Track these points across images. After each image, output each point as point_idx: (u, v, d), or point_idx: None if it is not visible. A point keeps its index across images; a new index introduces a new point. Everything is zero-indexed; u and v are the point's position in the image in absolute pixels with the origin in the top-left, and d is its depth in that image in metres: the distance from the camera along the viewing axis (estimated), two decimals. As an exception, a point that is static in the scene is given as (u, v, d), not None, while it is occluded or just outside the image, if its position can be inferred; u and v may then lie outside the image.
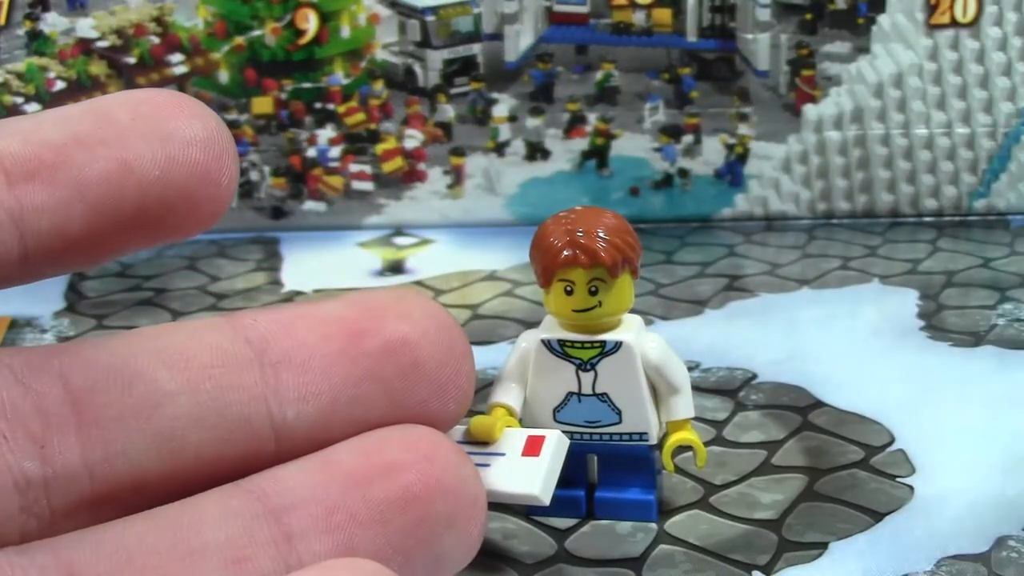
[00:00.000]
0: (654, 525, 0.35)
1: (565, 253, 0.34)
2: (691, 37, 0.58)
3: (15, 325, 0.50)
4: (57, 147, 0.29)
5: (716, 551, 0.34)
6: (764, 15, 0.57)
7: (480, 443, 0.34)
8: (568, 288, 0.34)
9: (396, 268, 0.55)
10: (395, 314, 0.32)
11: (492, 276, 0.53)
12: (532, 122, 0.58)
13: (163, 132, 0.29)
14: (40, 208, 0.28)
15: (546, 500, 0.32)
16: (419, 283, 0.53)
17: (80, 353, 0.30)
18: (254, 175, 0.58)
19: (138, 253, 0.57)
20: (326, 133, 0.58)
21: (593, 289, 0.34)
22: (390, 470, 0.30)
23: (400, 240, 0.58)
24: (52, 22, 0.56)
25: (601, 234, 0.34)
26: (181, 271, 0.55)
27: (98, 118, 0.29)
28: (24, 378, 0.29)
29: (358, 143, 0.58)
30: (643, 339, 0.35)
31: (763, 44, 0.57)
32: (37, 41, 0.56)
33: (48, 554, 0.28)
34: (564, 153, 0.58)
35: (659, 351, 0.35)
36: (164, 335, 0.31)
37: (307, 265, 0.56)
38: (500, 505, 0.36)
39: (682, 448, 0.35)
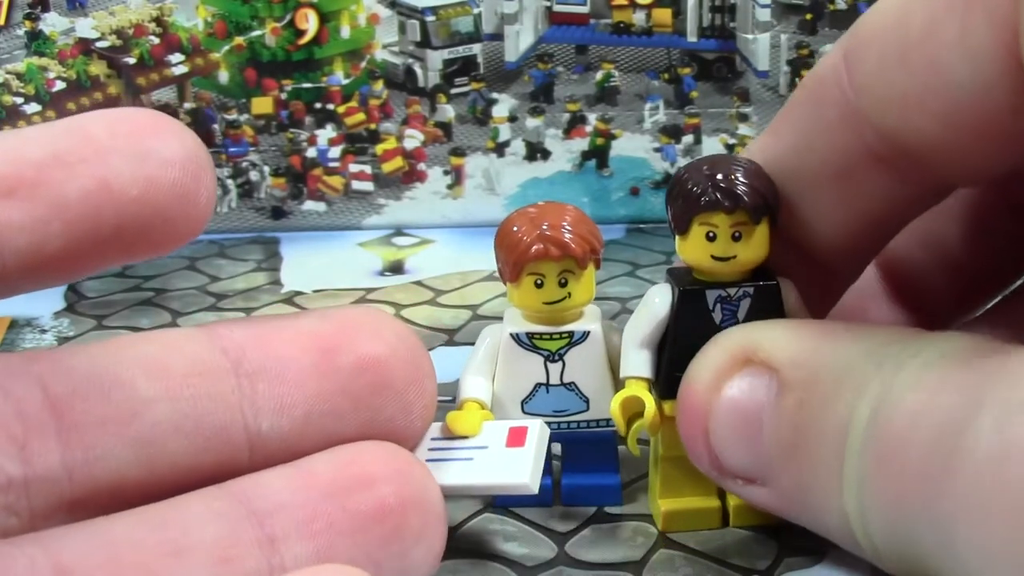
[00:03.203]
0: (654, 530, 0.35)
1: (536, 247, 0.34)
2: (691, 37, 0.58)
3: (15, 325, 0.50)
4: (36, 165, 0.29)
5: (716, 556, 0.34)
6: (764, 15, 0.57)
7: (459, 438, 0.34)
8: (538, 281, 0.35)
9: (396, 268, 0.55)
10: (367, 333, 0.32)
11: (492, 276, 0.53)
12: (532, 122, 0.58)
13: (142, 151, 0.30)
14: (18, 226, 0.28)
15: (535, 488, 0.33)
16: (419, 283, 0.53)
17: (60, 360, 0.30)
18: (254, 175, 0.58)
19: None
20: (326, 133, 0.58)
21: (563, 281, 0.35)
22: (367, 483, 0.31)
23: (400, 240, 0.58)
24: (52, 22, 0.56)
25: (567, 227, 0.34)
26: (181, 271, 0.55)
27: (78, 136, 0.30)
28: (3, 384, 0.29)
29: (358, 143, 0.58)
30: (606, 326, 0.36)
31: (763, 44, 0.57)
32: (37, 41, 0.56)
33: (37, 546, 0.28)
34: (564, 153, 0.58)
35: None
36: (142, 344, 0.31)
37: (307, 265, 0.56)
38: (501, 507, 0.36)
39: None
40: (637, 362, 0.34)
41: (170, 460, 0.30)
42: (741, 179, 0.33)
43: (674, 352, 0.34)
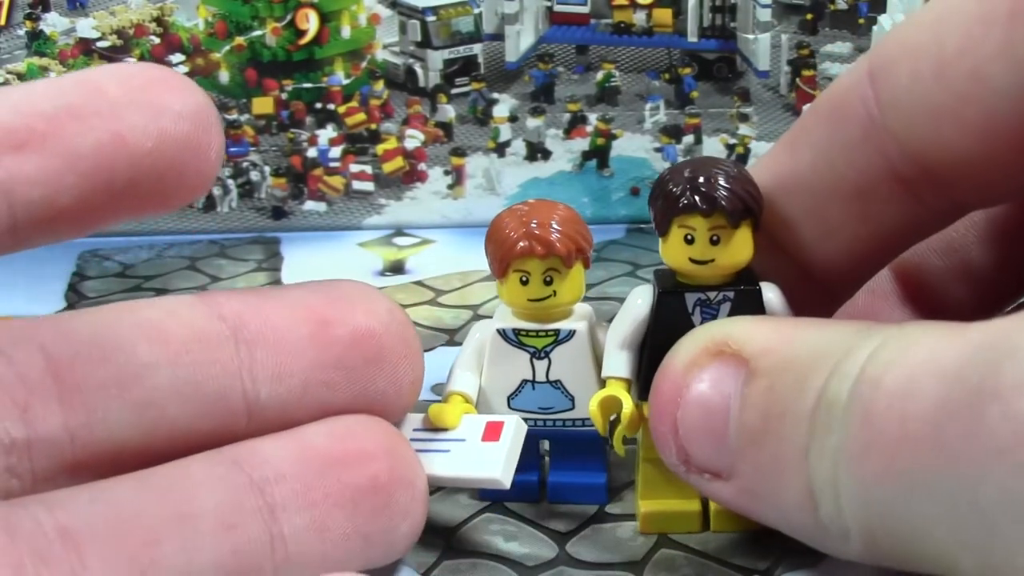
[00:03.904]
0: (655, 529, 0.35)
1: (521, 244, 0.34)
2: (691, 37, 0.58)
3: (16, 326, 0.50)
4: (48, 118, 0.29)
5: (716, 556, 0.34)
6: (764, 15, 0.57)
7: (439, 429, 0.34)
8: (524, 278, 0.35)
9: (397, 268, 0.55)
10: (361, 306, 0.33)
11: (492, 276, 0.53)
12: (533, 122, 0.58)
13: (155, 105, 0.30)
14: (30, 178, 0.29)
15: (507, 483, 0.33)
16: (419, 283, 0.53)
17: (61, 325, 0.31)
18: (254, 175, 0.58)
19: (138, 253, 0.57)
20: (327, 133, 0.58)
21: (548, 279, 0.35)
22: (362, 458, 0.32)
23: (400, 240, 0.58)
24: (52, 22, 0.56)
25: (555, 225, 0.35)
26: (181, 271, 0.55)
27: (90, 90, 0.30)
28: (5, 348, 0.30)
29: (359, 143, 0.58)
30: (593, 326, 0.36)
31: (764, 44, 0.57)
32: (37, 41, 0.56)
33: (42, 508, 0.28)
34: (565, 153, 0.58)
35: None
36: (142, 309, 0.32)
37: (307, 265, 0.56)
38: (500, 507, 0.37)
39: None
40: (617, 362, 0.34)
41: (170, 424, 0.31)
42: (721, 183, 0.33)
43: (653, 354, 0.34)
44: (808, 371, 0.29)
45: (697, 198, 0.33)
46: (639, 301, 0.34)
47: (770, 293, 0.34)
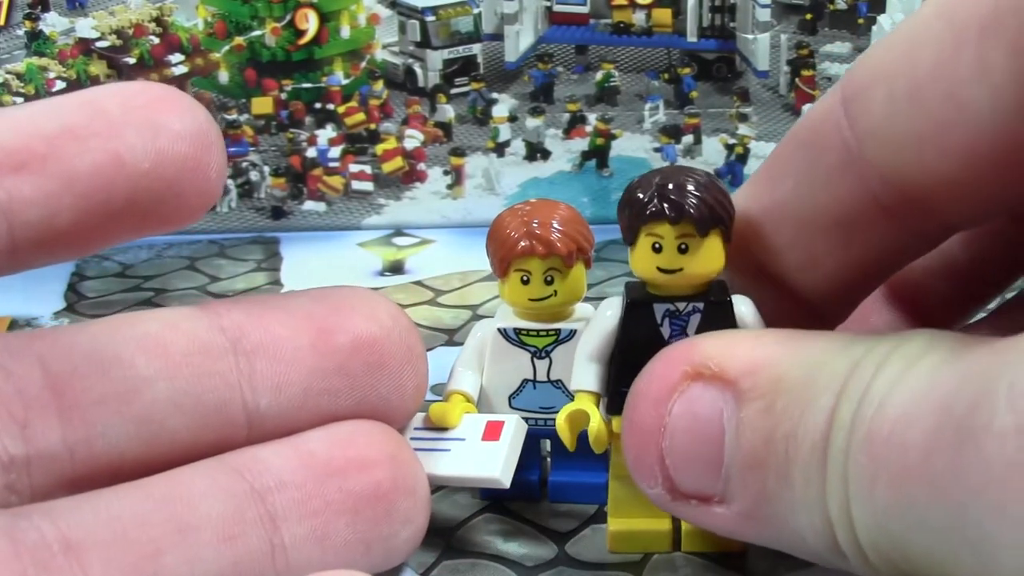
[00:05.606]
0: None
1: (522, 244, 0.34)
2: (691, 37, 0.58)
3: (15, 325, 0.50)
4: (49, 138, 0.29)
5: (716, 556, 0.34)
6: (764, 15, 0.57)
7: (439, 429, 0.35)
8: (524, 278, 0.35)
9: (396, 268, 0.55)
10: (363, 312, 0.33)
11: (492, 276, 0.53)
12: (532, 122, 0.58)
13: (155, 125, 0.30)
14: (29, 199, 0.29)
15: (506, 483, 0.33)
16: (419, 283, 0.53)
17: (59, 339, 0.31)
18: (254, 175, 0.58)
19: (138, 253, 0.57)
20: (326, 133, 0.58)
21: (549, 279, 0.35)
22: (363, 465, 0.31)
23: (400, 240, 0.58)
24: (52, 22, 0.56)
25: (556, 225, 0.35)
26: (181, 271, 0.55)
27: (90, 110, 0.30)
28: (4, 363, 0.30)
29: (358, 143, 0.58)
30: None
31: (763, 44, 0.57)
32: (37, 41, 0.56)
33: (46, 519, 0.28)
34: (564, 153, 0.58)
35: None
36: (141, 322, 0.32)
37: (307, 265, 0.56)
38: (500, 507, 0.37)
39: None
40: (587, 376, 0.34)
41: (169, 437, 0.31)
42: (690, 190, 0.32)
43: (621, 367, 0.33)
44: (809, 390, 0.28)
45: (665, 205, 0.32)
46: (608, 312, 0.33)
47: (743, 307, 0.33)
